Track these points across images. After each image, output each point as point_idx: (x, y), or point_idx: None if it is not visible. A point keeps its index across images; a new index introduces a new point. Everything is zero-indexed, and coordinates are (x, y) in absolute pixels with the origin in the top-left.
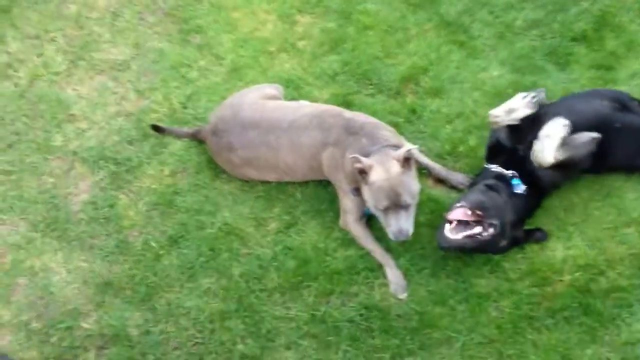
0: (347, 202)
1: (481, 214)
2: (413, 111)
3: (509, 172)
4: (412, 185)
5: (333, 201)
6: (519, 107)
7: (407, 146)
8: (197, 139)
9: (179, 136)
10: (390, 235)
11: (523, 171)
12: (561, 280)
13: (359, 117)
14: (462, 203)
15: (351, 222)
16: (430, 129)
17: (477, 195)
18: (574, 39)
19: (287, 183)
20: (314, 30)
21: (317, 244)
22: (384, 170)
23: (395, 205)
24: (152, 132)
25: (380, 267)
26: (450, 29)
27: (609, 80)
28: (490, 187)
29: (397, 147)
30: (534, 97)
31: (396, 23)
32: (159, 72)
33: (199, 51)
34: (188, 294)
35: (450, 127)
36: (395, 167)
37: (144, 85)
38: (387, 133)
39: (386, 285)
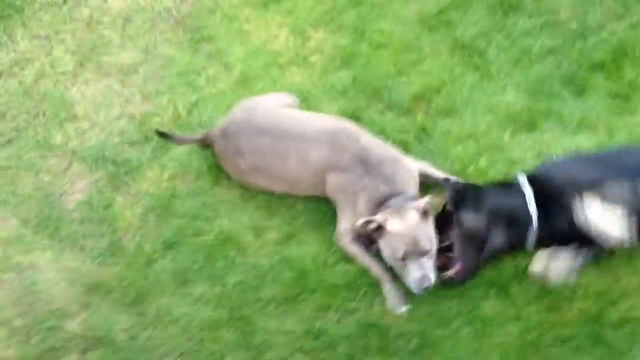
0: (344, 225)
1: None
2: (423, 130)
3: None
4: (430, 232)
5: (335, 214)
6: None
7: (427, 198)
8: (204, 143)
9: (185, 143)
10: (412, 285)
11: None
12: (571, 308)
13: (377, 148)
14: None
15: (346, 242)
16: (440, 148)
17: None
18: (591, 68)
19: (290, 195)
20: (327, 46)
21: (316, 256)
22: (400, 219)
23: (414, 252)
24: (154, 135)
25: (379, 283)
26: (465, 52)
27: (627, 110)
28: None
29: (414, 197)
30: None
31: (410, 43)
32: (167, 77)
33: (208, 59)
34: (179, 300)
35: (460, 147)
36: (414, 216)
37: (150, 90)
38: (405, 176)
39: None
